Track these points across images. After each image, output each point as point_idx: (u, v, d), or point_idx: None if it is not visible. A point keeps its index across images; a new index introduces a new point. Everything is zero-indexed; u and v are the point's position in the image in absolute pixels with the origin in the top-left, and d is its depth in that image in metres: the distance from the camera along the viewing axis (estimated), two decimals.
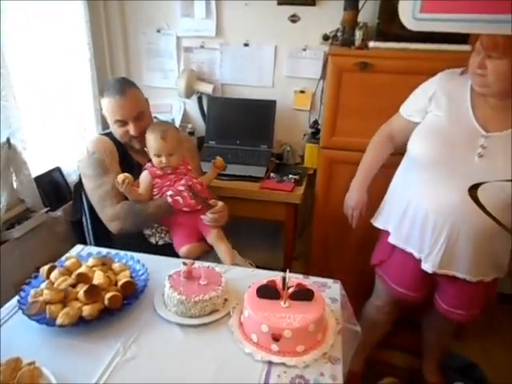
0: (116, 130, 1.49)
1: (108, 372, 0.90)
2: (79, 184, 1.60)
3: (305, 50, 2.07)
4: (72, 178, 1.99)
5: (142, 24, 2.21)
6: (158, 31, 2.21)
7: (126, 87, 1.45)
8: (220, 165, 1.59)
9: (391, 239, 1.45)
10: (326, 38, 1.97)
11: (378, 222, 1.52)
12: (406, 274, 1.44)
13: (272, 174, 1.97)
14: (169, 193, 1.43)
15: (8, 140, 1.58)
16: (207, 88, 2.20)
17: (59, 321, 0.97)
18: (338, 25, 1.86)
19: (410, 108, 1.41)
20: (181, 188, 1.43)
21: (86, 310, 1.00)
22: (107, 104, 1.45)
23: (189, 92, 2.19)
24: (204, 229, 1.46)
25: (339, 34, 1.85)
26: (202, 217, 1.42)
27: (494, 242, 1.27)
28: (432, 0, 0.50)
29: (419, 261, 1.37)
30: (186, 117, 2.31)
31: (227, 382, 0.90)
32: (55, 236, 1.84)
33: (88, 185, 1.49)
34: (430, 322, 1.69)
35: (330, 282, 1.24)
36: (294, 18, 2.03)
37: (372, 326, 1.63)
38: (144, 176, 1.46)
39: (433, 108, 1.32)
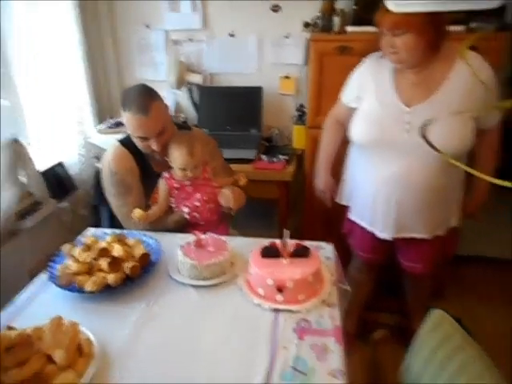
0: (137, 143, 1.45)
1: (136, 328, 1.03)
2: (99, 172, 1.63)
3: (287, 37, 2.20)
4: (74, 171, 2.10)
5: (131, 20, 2.30)
6: (147, 26, 2.30)
7: (149, 104, 1.36)
8: (243, 185, 1.55)
9: (350, 215, 1.61)
10: (306, 25, 2.10)
11: (341, 200, 1.68)
12: (366, 242, 1.59)
13: (263, 156, 2.11)
14: (185, 210, 1.45)
15: (15, 138, 1.68)
16: (197, 78, 2.31)
17: (88, 288, 1.10)
18: (317, 12, 1.99)
19: (347, 95, 1.53)
20: (197, 204, 1.45)
21: (111, 278, 1.12)
22: (129, 119, 1.39)
23: (179, 83, 2.30)
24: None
25: (319, 21, 1.99)
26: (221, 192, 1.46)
27: (438, 199, 1.42)
28: None
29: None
30: (178, 107, 2.43)
31: (241, 330, 1.03)
32: (63, 225, 1.95)
33: (112, 201, 1.53)
34: (407, 284, 1.84)
35: (323, 244, 1.38)
36: (275, 8, 2.15)
37: (356, 285, 1.76)
38: (162, 186, 1.47)
39: (364, 93, 1.44)
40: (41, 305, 1.13)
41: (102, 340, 0.97)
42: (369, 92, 1.43)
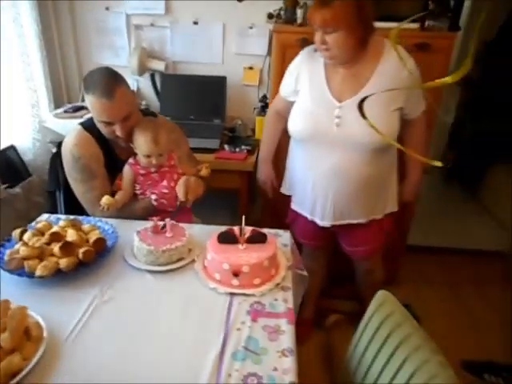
0: (101, 128, 1.42)
1: (88, 312, 1.02)
2: (55, 157, 1.61)
3: (251, 27, 2.20)
4: (28, 157, 2.02)
5: (90, 1, 2.23)
6: (107, 9, 2.24)
7: (114, 87, 1.33)
8: (205, 175, 1.53)
9: (292, 205, 1.67)
10: (270, 16, 2.11)
11: (284, 190, 1.72)
12: (308, 230, 1.65)
13: (226, 146, 2.11)
14: (153, 197, 1.44)
15: None
16: (159, 65, 2.27)
17: (38, 272, 1.07)
18: (281, 4, 2.01)
19: (285, 89, 1.57)
20: (165, 191, 1.44)
21: (63, 263, 1.10)
22: (92, 103, 1.35)
23: (141, 70, 2.25)
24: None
25: (282, 12, 2.00)
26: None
27: (371, 187, 1.50)
28: None
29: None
30: (139, 94, 2.38)
31: (196, 314, 1.04)
32: (16, 213, 1.88)
33: (76, 187, 1.48)
34: (358, 271, 1.90)
35: (280, 231, 1.41)
36: None
37: (309, 273, 1.83)
38: (127, 172, 1.46)
39: (300, 87, 1.49)
40: None
41: (53, 325, 0.95)
42: (303, 85, 1.46)
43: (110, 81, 1.35)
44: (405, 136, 1.53)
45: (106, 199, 1.35)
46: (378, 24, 1.76)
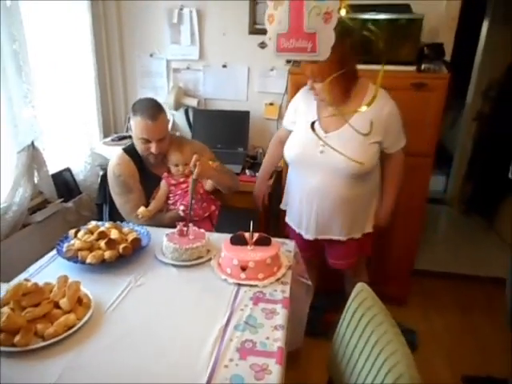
0: (138, 145, 1.72)
1: (125, 292, 1.29)
2: (104, 176, 1.92)
3: (272, 70, 2.54)
4: (79, 177, 2.38)
5: (138, 49, 2.66)
6: (151, 55, 2.65)
7: (158, 113, 1.66)
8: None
9: (286, 219, 1.92)
10: (288, 61, 2.44)
11: (282, 206, 1.97)
12: (298, 241, 1.80)
13: (247, 171, 2.40)
14: (181, 207, 1.73)
15: (32, 143, 1.97)
16: (192, 102, 2.64)
17: (88, 261, 1.36)
18: None
19: (286, 120, 1.86)
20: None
21: (107, 255, 1.38)
22: (137, 123, 1.66)
23: (177, 105, 2.62)
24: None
25: None
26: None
27: (350, 207, 1.70)
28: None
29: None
30: (174, 126, 2.74)
31: (208, 298, 1.28)
32: (67, 224, 2.21)
33: (116, 200, 1.80)
34: (346, 281, 2.03)
35: (287, 241, 1.65)
36: (262, 45, 2.50)
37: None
38: (162, 185, 1.78)
39: (297, 118, 1.76)
40: (49, 273, 1.37)
41: (97, 299, 1.22)
42: (300, 117, 1.74)
43: (154, 107, 1.69)
44: (383, 167, 1.76)
45: (142, 210, 1.66)
46: (378, 67, 2.03)
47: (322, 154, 1.63)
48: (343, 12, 0.86)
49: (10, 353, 1.00)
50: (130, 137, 2.57)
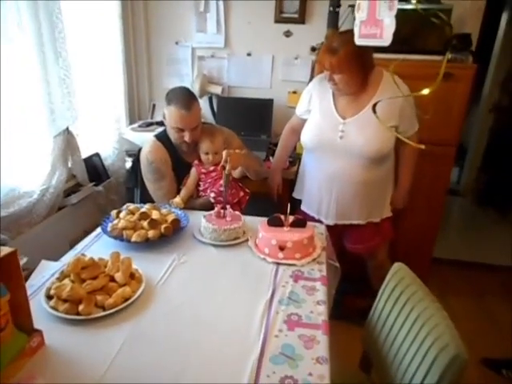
0: (172, 134, 1.76)
1: (171, 269, 1.36)
2: (136, 161, 1.97)
3: (296, 58, 2.57)
4: (108, 162, 2.44)
5: (164, 37, 2.69)
6: (176, 43, 2.69)
7: (191, 103, 1.69)
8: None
9: (302, 207, 1.96)
10: (313, 49, 2.48)
11: (296, 194, 2.03)
12: None
13: (271, 158, 2.44)
14: (212, 194, 1.77)
15: (67, 128, 2.02)
16: (217, 89, 2.68)
17: (133, 239, 1.43)
18: (322, 39, 2.36)
19: (300, 109, 1.91)
20: (222, 189, 1.71)
21: (151, 234, 1.45)
22: (172, 112, 1.69)
23: (201, 93, 2.66)
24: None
25: None
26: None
27: (368, 192, 1.77)
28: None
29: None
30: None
31: (249, 277, 1.34)
32: (98, 206, 2.28)
33: (149, 186, 1.84)
34: (369, 268, 2.10)
35: (317, 224, 1.71)
36: (287, 34, 2.53)
37: None
38: (192, 172, 1.82)
39: (312, 107, 1.82)
40: (96, 250, 1.44)
41: (146, 274, 1.29)
42: (315, 105, 1.80)
43: (189, 97, 1.73)
44: (399, 151, 1.82)
45: (176, 200, 1.70)
46: (409, 56, 2.08)
47: (342, 140, 1.69)
48: None
49: (76, 321, 1.07)
50: (156, 123, 2.64)
